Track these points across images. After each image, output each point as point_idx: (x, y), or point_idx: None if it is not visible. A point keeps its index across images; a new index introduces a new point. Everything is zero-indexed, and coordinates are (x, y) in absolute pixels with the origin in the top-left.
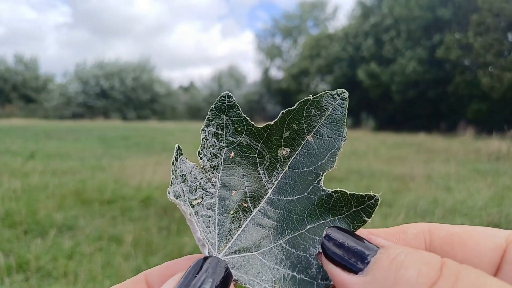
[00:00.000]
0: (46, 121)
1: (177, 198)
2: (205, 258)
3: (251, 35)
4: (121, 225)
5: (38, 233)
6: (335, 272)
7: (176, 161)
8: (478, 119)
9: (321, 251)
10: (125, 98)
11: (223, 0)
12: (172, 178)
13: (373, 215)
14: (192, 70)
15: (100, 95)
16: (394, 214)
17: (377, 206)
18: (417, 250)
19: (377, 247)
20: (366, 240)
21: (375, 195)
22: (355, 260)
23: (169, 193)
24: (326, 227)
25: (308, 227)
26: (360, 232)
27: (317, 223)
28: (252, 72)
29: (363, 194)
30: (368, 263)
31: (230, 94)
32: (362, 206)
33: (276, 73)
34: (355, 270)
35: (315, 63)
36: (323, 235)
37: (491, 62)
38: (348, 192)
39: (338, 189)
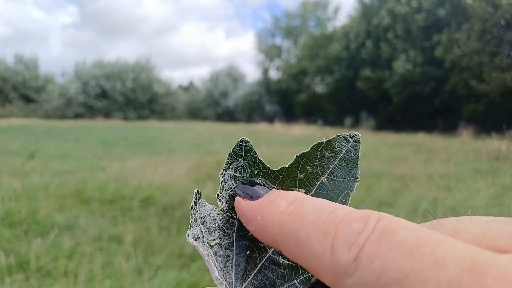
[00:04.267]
0: (46, 121)
1: (196, 240)
2: None
3: (253, 35)
4: (121, 225)
5: (39, 233)
6: (237, 201)
7: (195, 204)
8: (474, 120)
9: None
10: (125, 99)
11: (229, 1)
12: (191, 221)
13: None
14: (195, 70)
15: (100, 96)
16: (394, 214)
17: None
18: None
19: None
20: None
21: None
22: (256, 195)
23: (188, 236)
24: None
25: None
26: None
27: None
28: (252, 72)
29: None
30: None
31: (247, 139)
32: None
33: (276, 73)
34: (253, 198)
35: (315, 63)
36: (236, 185)
37: (485, 64)
38: None
39: None
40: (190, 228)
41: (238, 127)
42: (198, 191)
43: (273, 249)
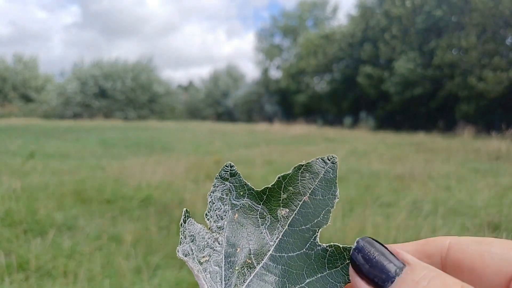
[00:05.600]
0: (45, 120)
1: (186, 256)
2: None
3: (254, 35)
4: (121, 224)
5: (38, 232)
6: (360, 285)
7: (185, 223)
8: (469, 120)
9: None
10: (126, 98)
11: (231, 1)
12: (181, 238)
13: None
14: (196, 70)
15: (99, 95)
16: (395, 214)
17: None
18: (441, 274)
19: (404, 264)
20: (394, 255)
21: None
22: (380, 276)
23: (178, 251)
24: (358, 238)
25: (308, 280)
26: (389, 247)
27: (315, 277)
28: (253, 72)
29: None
30: (393, 282)
31: (232, 163)
32: None
33: (276, 73)
34: (380, 285)
35: (314, 63)
36: (354, 246)
37: (486, 64)
38: (341, 246)
39: (332, 243)
40: (180, 245)
41: (238, 127)
42: (186, 210)
43: (261, 265)
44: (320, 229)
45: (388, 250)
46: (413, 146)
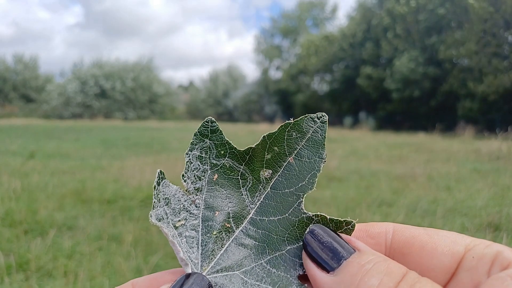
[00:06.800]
0: (46, 120)
1: (159, 221)
2: (189, 275)
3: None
4: (121, 224)
5: (38, 232)
6: (310, 268)
7: (158, 185)
8: (471, 118)
9: (301, 273)
10: (125, 98)
11: (234, 1)
12: (154, 202)
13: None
14: (197, 70)
15: (99, 95)
16: (394, 214)
17: (353, 231)
18: (387, 260)
19: (354, 250)
20: (346, 241)
21: (352, 221)
22: (330, 259)
23: (151, 216)
24: (311, 224)
25: (288, 248)
26: (342, 235)
27: (297, 245)
28: (254, 72)
29: (341, 219)
30: (340, 264)
31: (213, 119)
32: (340, 231)
33: (275, 73)
34: (327, 269)
35: (314, 63)
36: (307, 231)
37: (484, 65)
38: (328, 217)
39: (318, 213)
40: (153, 209)
41: (238, 127)
42: (160, 171)
43: (240, 229)
44: (305, 195)
45: (340, 237)
46: (413, 146)
